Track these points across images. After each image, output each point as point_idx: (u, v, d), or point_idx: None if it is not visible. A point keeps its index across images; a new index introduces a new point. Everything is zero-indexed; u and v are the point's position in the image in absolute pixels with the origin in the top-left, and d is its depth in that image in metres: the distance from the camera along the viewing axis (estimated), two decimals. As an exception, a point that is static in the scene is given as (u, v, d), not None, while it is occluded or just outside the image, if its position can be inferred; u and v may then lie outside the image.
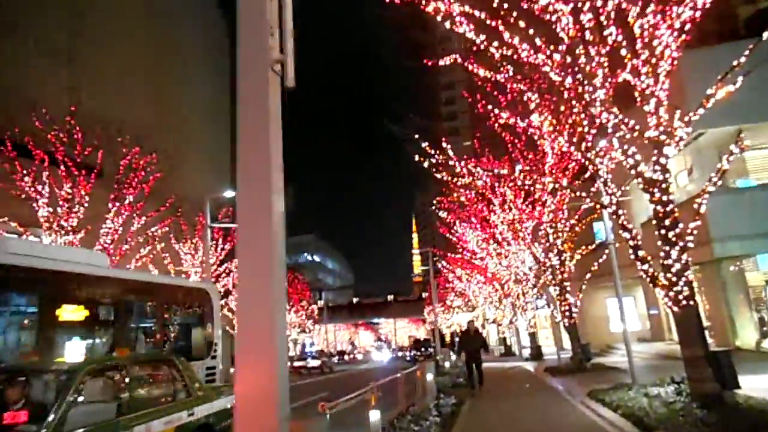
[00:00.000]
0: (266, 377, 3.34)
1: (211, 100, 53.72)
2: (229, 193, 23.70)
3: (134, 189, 20.77)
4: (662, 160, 7.23)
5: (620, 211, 7.86)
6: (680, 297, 7.06)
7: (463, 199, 17.23)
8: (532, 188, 17.11)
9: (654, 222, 7.41)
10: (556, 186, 16.12)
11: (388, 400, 9.99)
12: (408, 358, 43.80)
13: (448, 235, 24.54)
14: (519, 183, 16.36)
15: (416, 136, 8.46)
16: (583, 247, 17.33)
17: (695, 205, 7.46)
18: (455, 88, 68.28)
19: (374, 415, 5.23)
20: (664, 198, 7.22)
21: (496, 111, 11.39)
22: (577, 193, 15.88)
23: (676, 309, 7.14)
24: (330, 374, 31.52)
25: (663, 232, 7.23)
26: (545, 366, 18.31)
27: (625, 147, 7.52)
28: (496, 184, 17.51)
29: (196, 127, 45.61)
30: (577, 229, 16.92)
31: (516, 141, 16.23)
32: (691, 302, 7.07)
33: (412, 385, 9.79)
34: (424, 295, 72.55)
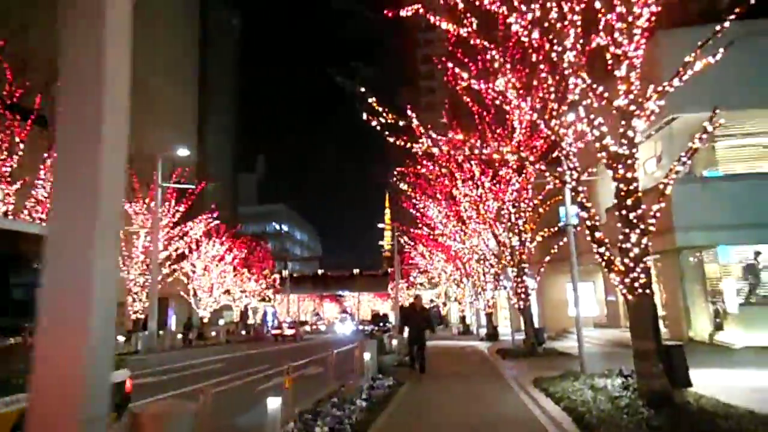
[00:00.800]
0: (70, 364, 2.45)
1: (173, 52, 51.14)
2: (183, 152, 22.33)
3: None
4: (630, 133, 6.49)
5: (581, 188, 7.13)
6: (636, 284, 6.42)
7: (425, 171, 16.38)
8: (497, 165, 16.41)
9: (615, 202, 6.72)
10: (523, 162, 15.45)
11: (318, 380, 9.33)
12: (366, 332, 43.56)
13: (411, 210, 23.78)
14: (484, 157, 15.59)
15: (362, 89, 7.53)
16: (545, 230, 16.82)
17: (660, 186, 6.78)
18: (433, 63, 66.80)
19: (273, 403, 4.41)
20: (629, 175, 6.51)
21: (464, 75, 10.51)
22: (542, 170, 15.37)
23: (630, 297, 6.51)
24: (301, 342, 32.99)
25: (624, 213, 6.54)
26: (498, 347, 17.94)
27: (591, 117, 6.74)
28: (460, 159, 16.74)
29: (154, 79, 43.32)
30: (540, 210, 16.36)
31: (484, 113, 15.42)
32: (647, 290, 6.44)
33: (349, 364, 9.07)
34: (390, 270, 72.33)
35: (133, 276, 25.28)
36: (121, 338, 19.75)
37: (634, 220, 6.47)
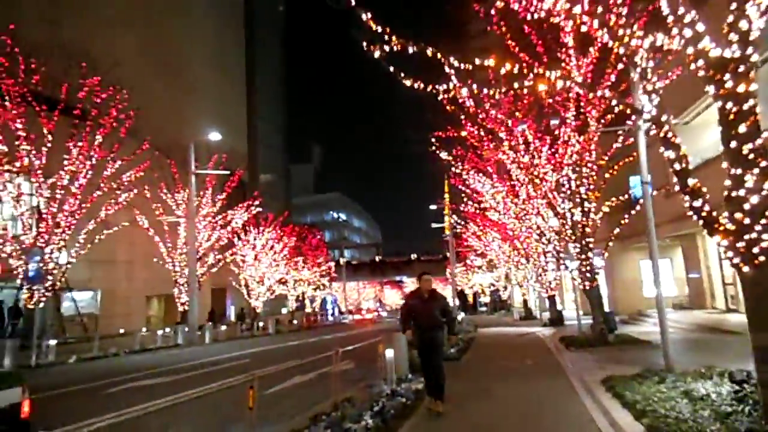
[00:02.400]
0: None
1: (219, 44, 50.97)
2: (215, 136, 21.33)
3: (105, 128, 18.62)
4: (742, 24, 4.33)
5: (663, 117, 5.02)
6: (756, 249, 4.31)
7: (465, 134, 14.31)
8: (553, 126, 14.13)
9: (721, 130, 4.60)
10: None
11: (315, 390, 7.75)
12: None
13: (461, 186, 21.69)
14: (526, 91, 13.36)
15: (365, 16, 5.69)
16: (613, 199, 14.37)
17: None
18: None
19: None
20: (741, 89, 4.37)
21: None
22: (605, 98, 12.96)
23: (746, 269, 4.41)
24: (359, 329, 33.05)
25: (734, 145, 4.42)
26: (562, 335, 15.73)
27: (679, 11, 4.62)
28: (509, 122, 14.56)
29: (201, 71, 43.16)
30: (606, 175, 13.95)
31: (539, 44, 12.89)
32: (774, 258, 4.32)
33: (365, 367, 7.44)
34: (448, 254, 69.90)
35: (178, 267, 24.83)
36: (160, 332, 19.13)
37: (751, 155, 4.35)
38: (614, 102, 5.84)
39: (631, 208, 13.56)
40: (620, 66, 11.05)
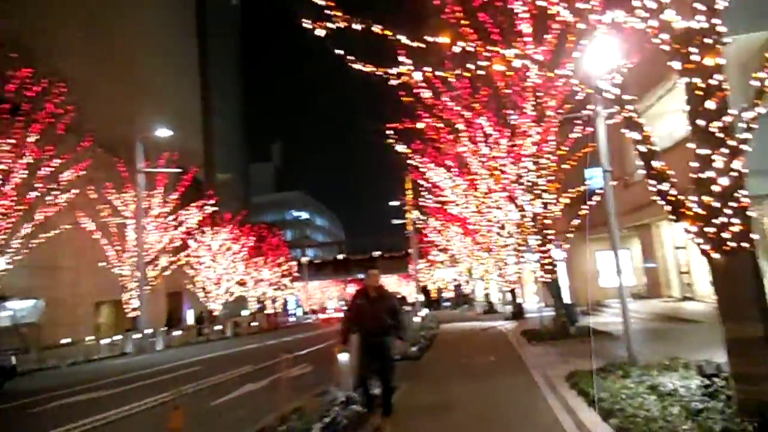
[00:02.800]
0: None
1: (171, 40, 49.03)
2: (164, 132, 20.24)
3: (40, 124, 17.34)
4: (708, -8, 4.02)
5: (627, 97, 4.68)
6: (725, 234, 4.02)
7: (422, 125, 13.91)
8: (511, 116, 13.89)
9: (688, 109, 4.29)
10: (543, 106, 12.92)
11: (266, 399, 7.15)
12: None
13: (421, 181, 21.33)
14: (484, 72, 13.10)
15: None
16: (571, 191, 14.28)
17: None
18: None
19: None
20: (709, 62, 4.06)
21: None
22: (563, 77, 12.78)
23: (716, 255, 4.11)
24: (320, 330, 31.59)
25: (701, 122, 4.12)
26: (524, 328, 15.59)
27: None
28: (468, 113, 14.26)
29: (138, 61, 41.23)
30: (565, 166, 13.82)
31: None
32: (744, 243, 4.04)
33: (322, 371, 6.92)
34: (411, 250, 69.88)
35: (128, 271, 23.60)
36: (108, 340, 17.99)
37: (719, 133, 4.04)
38: (575, 82, 5.45)
39: (588, 200, 13.50)
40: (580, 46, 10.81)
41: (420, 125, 13.72)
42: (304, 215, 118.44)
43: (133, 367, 13.93)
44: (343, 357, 6.99)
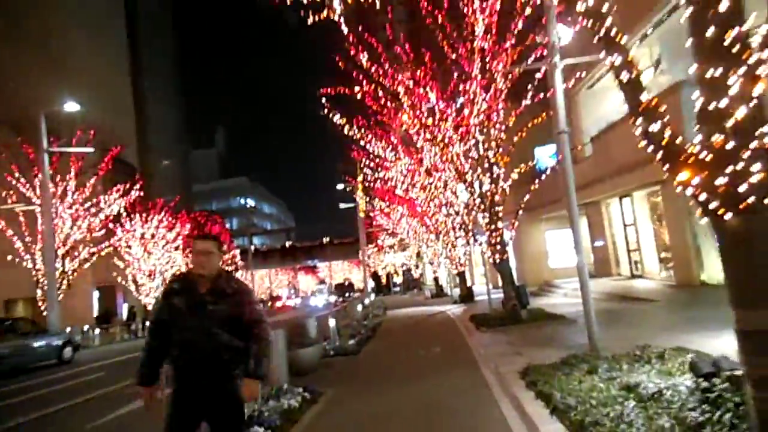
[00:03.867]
0: None
1: (85, 12, 44.85)
2: (72, 106, 17.80)
3: None
4: None
5: (605, 8, 3.45)
6: (742, 187, 2.89)
7: (357, 89, 12.49)
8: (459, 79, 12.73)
9: (690, 14, 3.11)
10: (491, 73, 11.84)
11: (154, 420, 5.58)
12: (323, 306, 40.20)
13: (363, 161, 19.91)
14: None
15: None
16: (522, 165, 13.33)
17: None
18: None
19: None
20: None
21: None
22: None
23: (729, 216, 2.98)
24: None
25: (711, 31, 2.95)
26: (472, 313, 14.62)
27: None
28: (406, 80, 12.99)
29: (58, 38, 37.45)
30: (515, 139, 12.80)
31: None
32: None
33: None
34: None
35: (40, 265, 21.06)
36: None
37: (736, 46, 2.88)
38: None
39: (537, 178, 12.63)
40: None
41: (356, 90, 12.27)
42: (251, 202, 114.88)
43: (32, 374, 11.98)
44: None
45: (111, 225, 26.53)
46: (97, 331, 21.23)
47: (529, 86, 11.33)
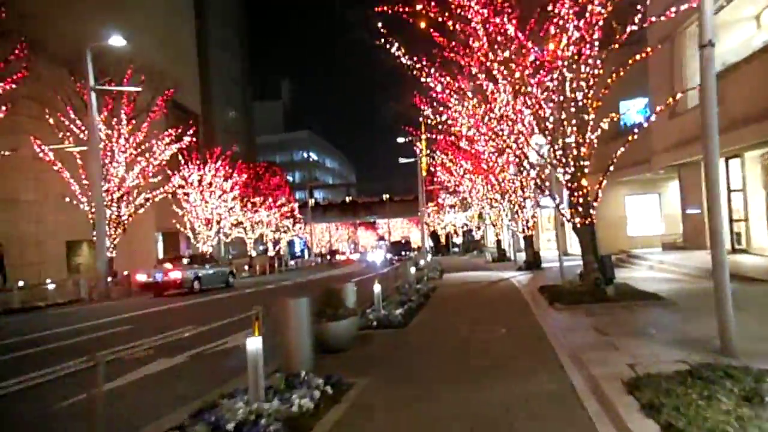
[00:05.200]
0: None
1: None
2: (117, 41, 16.85)
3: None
4: None
5: None
6: None
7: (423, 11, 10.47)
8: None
9: None
10: None
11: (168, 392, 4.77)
12: (384, 262, 39.03)
13: (424, 107, 17.87)
14: None
15: None
16: (612, 114, 11.06)
17: None
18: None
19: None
20: None
21: None
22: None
23: None
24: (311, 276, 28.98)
25: None
26: (542, 283, 12.71)
27: None
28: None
29: None
30: (611, 79, 10.46)
31: None
32: None
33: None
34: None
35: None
36: (52, 285, 15.50)
37: None
38: None
39: (629, 135, 10.39)
40: None
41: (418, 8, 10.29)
42: (313, 156, 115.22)
43: (62, 321, 11.45)
44: (254, 343, 4.13)
45: (168, 171, 26.29)
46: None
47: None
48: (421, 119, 18.08)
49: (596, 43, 10.30)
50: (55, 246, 23.65)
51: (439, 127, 17.14)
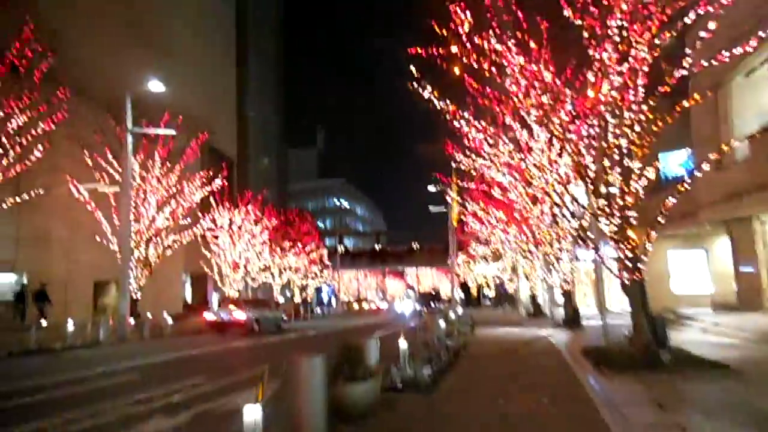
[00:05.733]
0: None
1: (207, 13, 46.61)
2: (156, 86, 17.19)
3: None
4: None
5: None
6: None
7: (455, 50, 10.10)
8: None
9: None
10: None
11: None
12: (413, 313, 37.83)
13: (456, 156, 17.38)
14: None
15: None
16: (655, 163, 10.40)
17: None
18: None
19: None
20: None
21: None
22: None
23: None
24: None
25: None
26: (584, 344, 11.65)
27: None
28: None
29: (165, 27, 38.58)
30: (656, 126, 9.78)
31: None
32: None
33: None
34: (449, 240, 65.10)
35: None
36: (71, 325, 15.18)
37: None
38: None
39: (670, 188, 9.69)
40: None
41: (453, 50, 9.96)
42: (344, 203, 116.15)
43: (70, 365, 10.97)
44: (251, 412, 3.48)
45: (199, 214, 26.40)
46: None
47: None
48: (453, 164, 17.56)
49: (641, 89, 9.75)
50: (84, 285, 23.69)
51: (473, 172, 16.61)
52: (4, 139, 14.65)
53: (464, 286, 57.04)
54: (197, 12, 45.62)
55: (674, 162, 22.09)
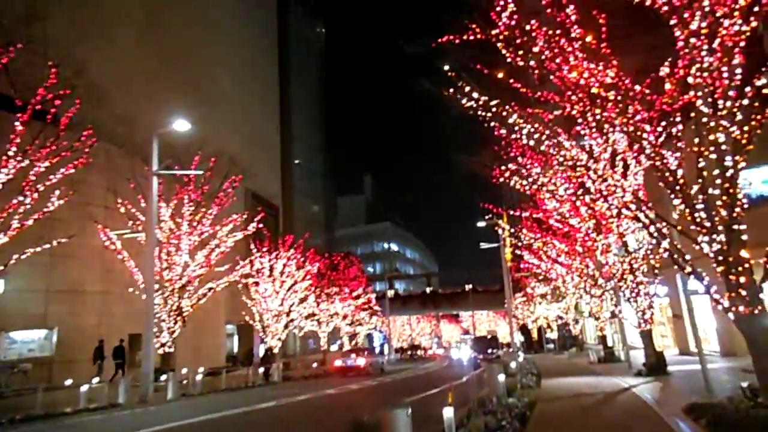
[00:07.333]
0: None
1: (239, 55, 47.25)
2: (182, 125, 16.35)
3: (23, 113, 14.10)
4: None
5: None
6: None
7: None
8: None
9: None
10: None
11: None
12: (471, 361, 34.88)
13: (507, 185, 15.43)
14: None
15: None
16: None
17: None
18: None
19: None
20: None
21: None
22: None
23: None
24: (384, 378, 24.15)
25: None
26: (683, 398, 9.07)
27: None
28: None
29: (211, 79, 39.11)
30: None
31: None
32: None
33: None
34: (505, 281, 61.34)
35: (159, 299, 19.87)
36: (96, 381, 13.83)
37: None
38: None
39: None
40: None
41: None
42: (394, 247, 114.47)
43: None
44: None
45: (240, 261, 25.34)
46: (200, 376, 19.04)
47: None
48: (502, 188, 15.60)
49: (737, 71, 7.69)
50: (116, 341, 22.75)
51: (526, 192, 14.52)
52: (26, 188, 13.97)
53: (524, 329, 53.21)
54: (241, 62, 46.67)
55: (757, 178, 19.25)
